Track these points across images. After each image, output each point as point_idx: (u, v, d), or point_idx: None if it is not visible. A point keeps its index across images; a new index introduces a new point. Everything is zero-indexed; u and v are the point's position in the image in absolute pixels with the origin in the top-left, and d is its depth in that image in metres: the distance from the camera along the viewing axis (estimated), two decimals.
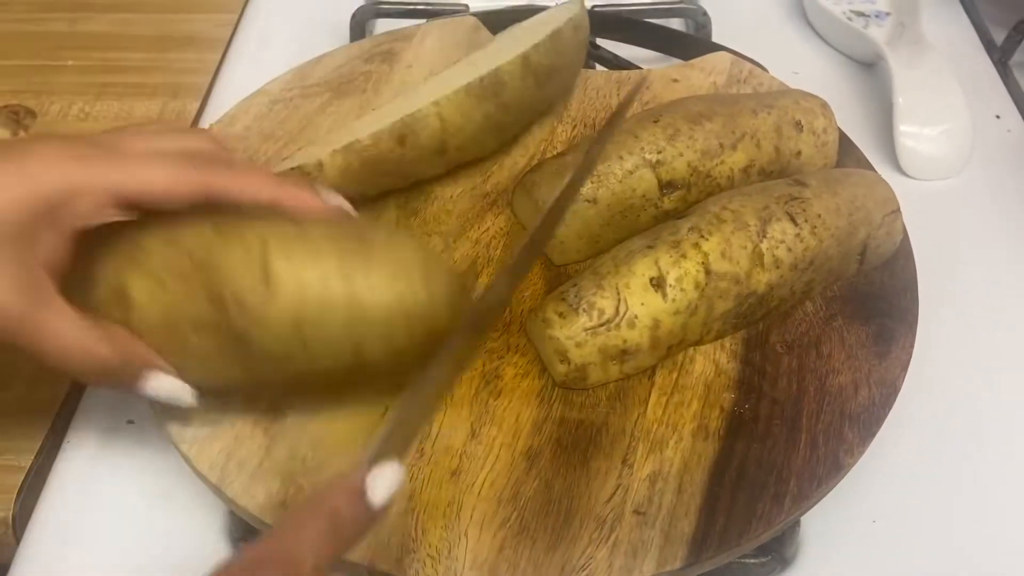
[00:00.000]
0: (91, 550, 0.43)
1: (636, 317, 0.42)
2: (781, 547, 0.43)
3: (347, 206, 0.40)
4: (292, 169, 0.47)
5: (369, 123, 0.50)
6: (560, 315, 0.42)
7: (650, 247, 0.44)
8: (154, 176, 0.35)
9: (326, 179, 0.48)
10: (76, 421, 0.48)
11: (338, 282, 0.36)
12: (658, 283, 0.42)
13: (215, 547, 0.43)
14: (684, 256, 0.43)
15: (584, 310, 0.42)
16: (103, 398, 0.49)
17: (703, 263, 0.43)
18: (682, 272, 0.43)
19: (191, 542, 0.44)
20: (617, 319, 0.42)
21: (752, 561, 0.42)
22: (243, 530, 0.43)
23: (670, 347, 0.44)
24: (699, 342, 0.45)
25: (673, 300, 0.42)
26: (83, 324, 0.35)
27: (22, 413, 0.47)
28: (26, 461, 0.46)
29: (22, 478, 0.45)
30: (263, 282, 0.35)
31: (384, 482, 0.30)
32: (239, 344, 0.36)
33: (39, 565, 0.43)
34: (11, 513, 0.44)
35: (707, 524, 0.39)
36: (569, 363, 0.42)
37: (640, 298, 0.42)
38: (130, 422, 0.48)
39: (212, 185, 0.36)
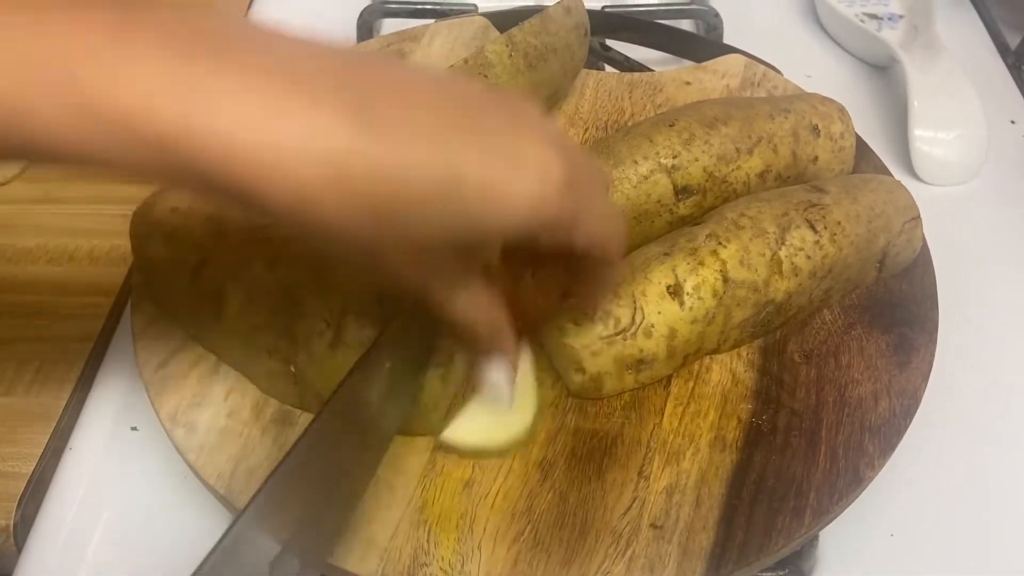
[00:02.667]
0: (94, 559, 0.43)
1: (653, 326, 0.41)
2: (799, 561, 0.42)
3: None
4: None
5: None
6: (575, 323, 0.41)
7: (667, 254, 0.43)
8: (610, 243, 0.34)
9: None
10: (79, 427, 0.47)
11: None
12: (675, 291, 0.42)
13: None
14: (702, 263, 0.42)
15: (600, 318, 0.41)
16: (106, 404, 0.48)
17: (721, 271, 0.42)
18: (700, 280, 0.42)
19: (196, 552, 0.42)
20: (633, 328, 0.41)
21: (769, 575, 0.42)
22: None
23: (686, 356, 0.43)
24: (716, 351, 0.44)
25: (690, 308, 0.42)
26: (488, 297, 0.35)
27: (24, 419, 0.47)
28: (28, 468, 0.45)
29: (24, 485, 0.44)
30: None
31: None
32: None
33: (41, 574, 0.42)
34: (13, 521, 0.43)
35: (726, 538, 0.38)
36: (584, 372, 0.41)
37: (657, 306, 0.41)
38: (134, 429, 0.47)
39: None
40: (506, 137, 0.29)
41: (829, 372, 0.44)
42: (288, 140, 0.25)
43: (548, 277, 0.39)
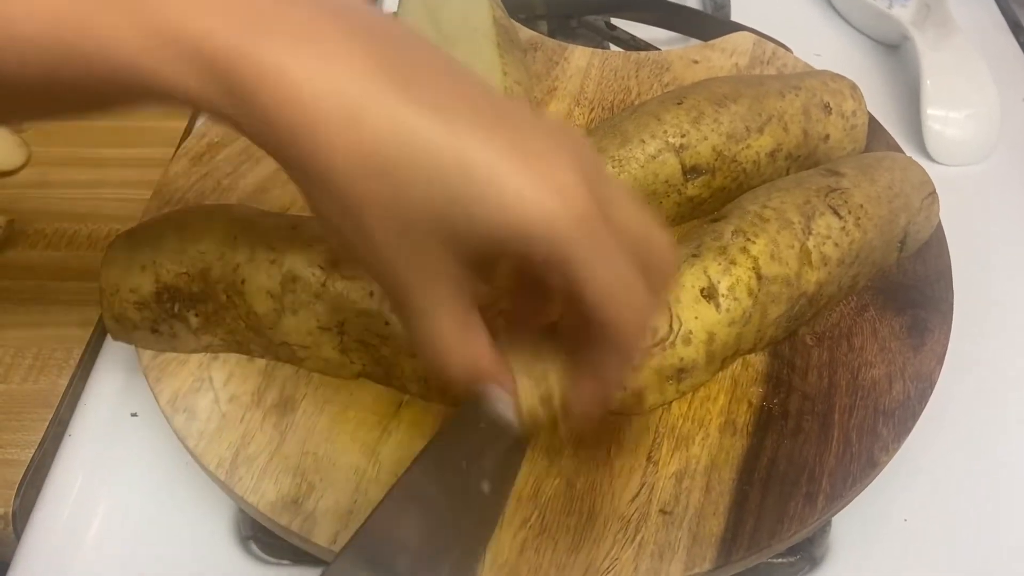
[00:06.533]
0: (93, 547, 0.42)
1: (691, 332, 0.39)
2: (811, 547, 0.41)
3: None
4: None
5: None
6: None
7: (695, 255, 0.41)
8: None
9: None
10: (78, 414, 0.47)
11: None
12: (709, 293, 0.40)
13: (222, 545, 0.42)
14: (733, 262, 0.40)
15: None
16: (106, 390, 0.47)
17: (753, 267, 0.40)
18: (734, 280, 0.40)
19: (197, 539, 0.42)
20: (672, 336, 0.39)
21: (780, 561, 0.41)
22: (252, 527, 0.41)
23: (724, 360, 0.41)
24: (751, 351, 0.42)
25: (727, 310, 0.40)
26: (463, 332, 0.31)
27: (23, 405, 0.46)
28: (27, 455, 0.44)
29: (23, 472, 0.44)
30: None
31: None
32: None
33: (40, 562, 0.42)
34: (11, 508, 0.43)
35: (736, 524, 0.37)
36: (624, 388, 0.39)
37: (692, 311, 0.39)
38: (133, 415, 0.46)
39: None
40: (535, 144, 0.27)
41: (841, 355, 0.43)
42: (323, 77, 0.27)
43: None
